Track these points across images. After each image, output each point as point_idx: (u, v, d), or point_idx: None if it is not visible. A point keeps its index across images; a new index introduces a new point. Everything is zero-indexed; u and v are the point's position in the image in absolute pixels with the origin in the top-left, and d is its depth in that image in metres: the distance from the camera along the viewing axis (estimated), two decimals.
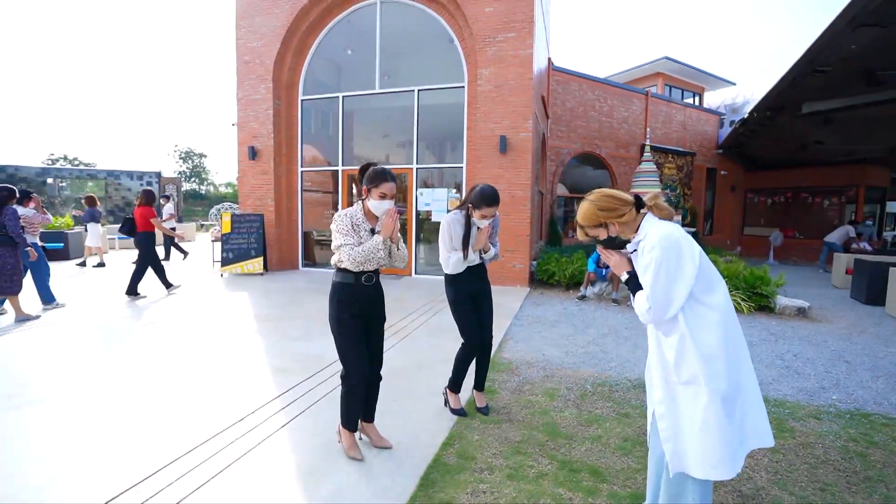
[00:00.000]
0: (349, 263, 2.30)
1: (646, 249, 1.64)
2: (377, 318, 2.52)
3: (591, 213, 1.79)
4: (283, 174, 9.51)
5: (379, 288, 2.51)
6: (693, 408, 1.62)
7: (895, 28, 5.98)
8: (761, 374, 3.93)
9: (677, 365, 1.64)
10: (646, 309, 1.65)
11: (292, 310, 5.94)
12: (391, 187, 2.34)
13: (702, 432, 1.59)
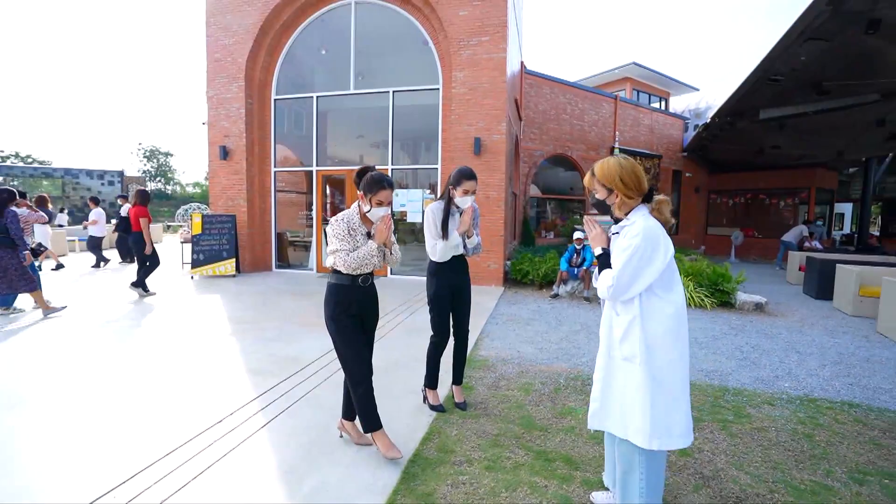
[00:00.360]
0: (344, 268, 2.34)
1: (629, 234, 1.78)
2: (372, 318, 2.57)
3: (612, 175, 1.86)
4: (255, 174, 9.36)
5: (374, 288, 2.56)
6: (625, 382, 1.83)
7: (838, 43, 6.41)
8: (723, 365, 4.17)
9: (621, 342, 1.84)
10: (608, 285, 1.80)
11: (267, 311, 5.88)
12: (388, 195, 2.37)
13: (632, 405, 1.79)
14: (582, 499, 2.16)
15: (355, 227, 2.39)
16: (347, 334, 2.41)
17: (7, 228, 5.15)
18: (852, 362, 4.33)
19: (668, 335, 1.79)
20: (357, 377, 2.40)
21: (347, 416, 2.65)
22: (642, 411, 1.77)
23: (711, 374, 3.94)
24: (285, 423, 2.84)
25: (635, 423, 1.78)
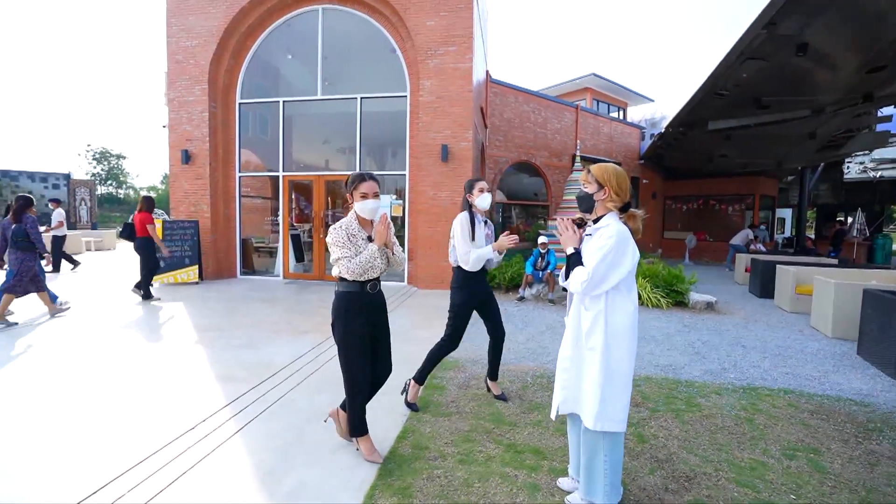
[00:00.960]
0: (349, 275, 2.34)
1: (604, 235, 1.97)
2: (383, 324, 2.58)
3: (609, 174, 2.06)
4: (219, 179, 9.16)
5: (382, 295, 2.56)
6: (590, 370, 2.00)
7: (774, 62, 7.00)
8: (677, 359, 4.47)
9: (588, 334, 2.02)
10: (582, 280, 1.96)
11: (235, 318, 5.80)
12: (370, 185, 2.39)
13: (597, 390, 1.97)
14: (549, 485, 2.32)
15: (354, 233, 2.39)
16: (354, 342, 2.41)
17: (27, 233, 5.45)
18: (788, 354, 4.74)
19: (627, 330, 2.00)
20: (357, 387, 2.45)
21: (345, 406, 2.66)
22: (593, 396, 1.97)
23: (666, 368, 4.23)
24: (260, 428, 2.87)
25: (596, 407, 1.96)
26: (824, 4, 5.42)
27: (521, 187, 13.63)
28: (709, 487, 2.32)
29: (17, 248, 5.42)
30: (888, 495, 2.27)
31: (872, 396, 3.60)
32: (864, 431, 2.96)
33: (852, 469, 2.50)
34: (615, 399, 1.97)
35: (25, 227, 5.44)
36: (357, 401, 2.46)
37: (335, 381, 3.66)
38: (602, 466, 2.02)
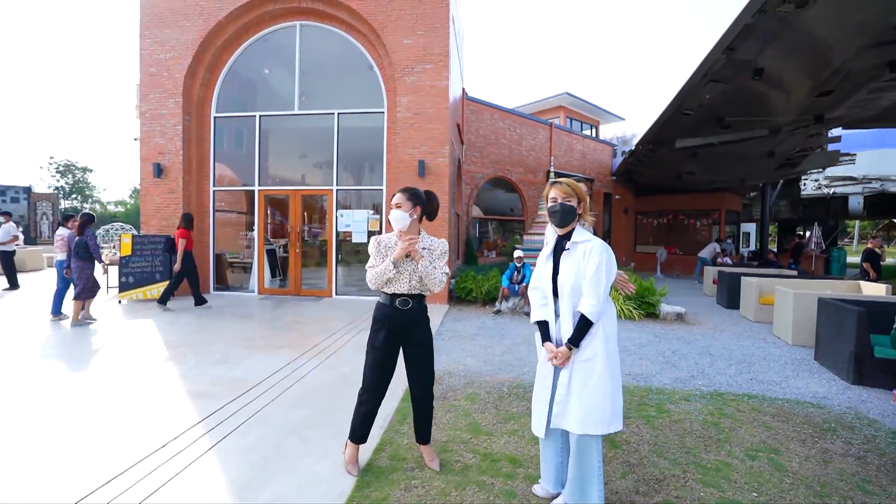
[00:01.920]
0: (369, 283, 2.40)
1: (595, 250, 2.08)
2: (415, 343, 2.48)
3: (582, 191, 2.21)
4: (192, 193, 9.01)
5: (417, 314, 2.46)
6: (584, 382, 2.06)
7: (734, 85, 7.43)
8: (648, 368, 4.61)
9: (583, 347, 2.08)
10: (595, 304, 2.03)
11: (208, 335, 5.67)
12: (398, 197, 2.41)
13: (592, 399, 2.04)
14: (525, 492, 2.36)
15: (389, 245, 2.42)
16: (374, 353, 2.45)
17: (87, 245, 6.12)
18: (752, 361, 4.95)
19: (614, 333, 2.14)
20: (364, 394, 2.48)
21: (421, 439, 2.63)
22: (603, 402, 2.03)
23: (638, 377, 4.35)
24: (236, 443, 2.82)
25: (596, 414, 2.02)
26: (777, 32, 5.82)
27: (497, 202, 13.86)
28: (677, 489, 2.40)
29: (79, 258, 6.13)
30: (840, 489, 2.40)
31: (827, 399, 3.80)
32: (819, 431, 3.12)
33: (808, 467, 2.63)
34: (620, 399, 2.10)
35: (86, 239, 6.15)
36: (362, 410, 2.48)
37: (312, 396, 3.64)
38: (597, 468, 2.09)
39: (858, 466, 2.67)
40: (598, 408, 2.03)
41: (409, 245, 2.30)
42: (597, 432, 2.03)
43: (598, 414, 2.03)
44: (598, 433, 2.03)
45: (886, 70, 6.40)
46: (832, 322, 4.63)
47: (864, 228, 32.01)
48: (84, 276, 6.14)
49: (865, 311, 4.18)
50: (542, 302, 2.25)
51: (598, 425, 2.02)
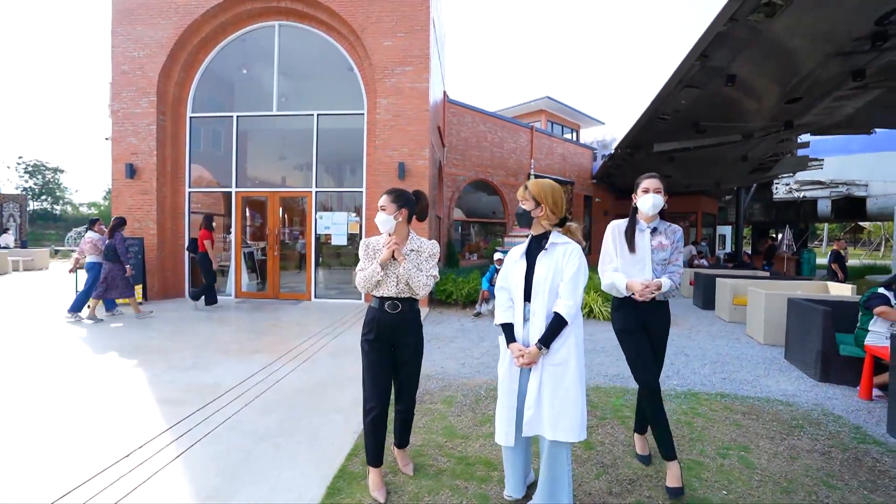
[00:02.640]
0: (358, 286, 2.37)
1: (574, 254, 2.08)
2: (406, 347, 2.42)
3: (545, 191, 2.14)
4: (167, 195, 8.79)
5: (406, 317, 2.40)
6: (555, 387, 2.04)
7: (708, 91, 7.60)
8: (624, 370, 4.65)
9: (553, 351, 2.05)
10: (572, 314, 2.03)
11: (180, 340, 5.52)
12: (384, 199, 2.36)
13: (563, 405, 2.02)
14: (498, 495, 2.34)
15: (377, 248, 2.39)
16: (366, 358, 2.39)
17: (115, 248, 6.53)
18: (726, 360, 5.05)
19: (582, 339, 2.12)
20: (367, 404, 2.36)
21: (399, 443, 2.61)
22: (574, 408, 2.01)
23: (615, 378, 4.39)
24: (204, 451, 2.74)
25: (567, 420, 1.99)
26: (748, 40, 5.98)
27: (479, 205, 13.90)
28: (650, 488, 2.42)
29: (107, 260, 6.55)
30: (805, 485, 2.46)
31: (796, 396, 3.90)
32: (787, 428, 3.19)
33: (776, 463, 2.68)
34: (584, 407, 2.07)
35: (115, 243, 6.53)
36: (366, 420, 2.34)
37: (286, 401, 3.57)
38: (567, 474, 2.09)
39: (823, 462, 2.73)
40: (569, 414, 2.01)
41: (391, 247, 2.28)
42: (568, 439, 2.00)
43: (569, 420, 2.00)
44: (568, 440, 2.01)
45: (849, 79, 6.63)
46: (800, 322, 4.76)
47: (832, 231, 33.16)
48: (110, 275, 6.55)
49: (831, 311, 4.30)
50: (508, 304, 2.21)
51: (569, 432, 2.00)
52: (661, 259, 2.45)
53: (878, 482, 2.53)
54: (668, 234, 2.46)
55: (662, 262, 2.45)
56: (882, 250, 34.34)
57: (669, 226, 2.51)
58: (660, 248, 2.45)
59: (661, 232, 2.48)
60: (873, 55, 5.98)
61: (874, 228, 35.54)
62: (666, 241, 2.45)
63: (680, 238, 2.48)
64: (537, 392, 2.06)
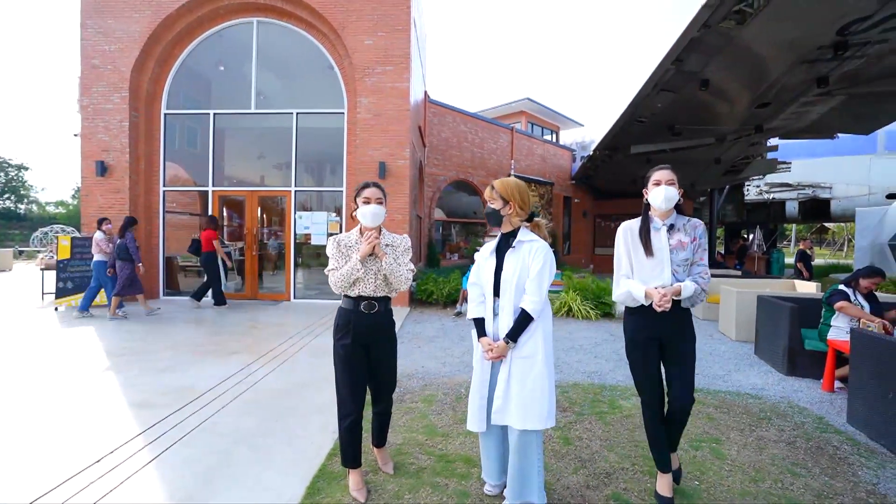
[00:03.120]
0: (333, 288, 2.29)
1: (540, 250, 2.12)
2: (382, 348, 2.38)
3: (511, 189, 2.18)
4: (140, 193, 8.56)
5: (383, 317, 2.36)
6: (523, 378, 2.09)
7: (683, 94, 7.81)
8: (602, 366, 4.75)
9: (521, 344, 2.11)
10: (537, 309, 2.07)
11: (154, 342, 5.38)
12: (372, 191, 2.32)
13: (532, 395, 2.07)
14: (479, 492, 2.36)
15: (350, 245, 2.32)
16: (341, 363, 2.28)
17: (126, 247, 6.66)
18: (699, 356, 5.13)
19: (551, 332, 2.18)
20: (343, 410, 2.29)
21: (377, 442, 2.58)
22: (541, 398, 2.07)
23: (593, 374, 4.48)
24: (179, 454, 2.68)
25: (535, 410, 2.05)
26: (720, 46, 6.17)
27: (459, 205, 13.95)
28: (626, 481, 2.48)
29: (119, 259, 6.70)
30: (772, 473, 2.56)
31: (764, 390, 4.05)
32: (756, 420, 3.32)
33: (745, 454, 2.79)
34: (554, 396, 2.15)
35: (126, 242, 6.68)
36: (343, 425, 2.29)
37: (264, 402, 3.52)
38: (536, 465, 2.13)
39: (789, 451, 2.85)
40: (536, 404, 2.07)
41: (373, 241, 2.26)
42: (536, 427, 2.06)
43: (536, 410, 2.06)
44: (537, 428, 2.07)
45: (814, 85, 6.91)
46: (769, 318, 4.93)
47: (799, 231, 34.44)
48: (123, 274, 6.71)
49: (797, 308, 4.47)
50: (480, 299, 2.28)
51: (538, 421, 2.06)
52: (682, 259, 2.17)
53: (837, 469, 2.66)
54: (689, 230, 2.19)
55: (684, 263, 2.17)
56: (845, 250, 35.85)
57: (689, 220, 2.22)
58: (679, 247, 2.17)
59: (678, 229, 2.20)
60: (835, 63, 6.25)
61: (837, 229, 37.08)
62: (686, 239, 2.17)
63: (703, 233, 2.19)
64: (506, 384, 2.13)
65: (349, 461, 2.33)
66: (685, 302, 2.16)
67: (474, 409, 2.22)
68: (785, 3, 4.99)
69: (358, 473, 2.34)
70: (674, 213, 2.26)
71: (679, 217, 2.25)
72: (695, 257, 2.19)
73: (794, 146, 14.32)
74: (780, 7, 5.07)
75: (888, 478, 2.59)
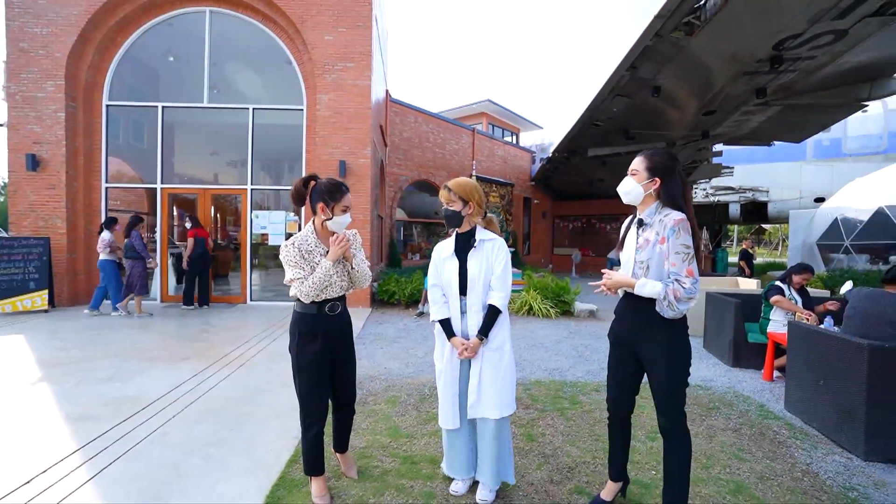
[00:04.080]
0: (304, 297, 2.11)
1: (501, 248, 2.23)
2: (345, 350, 2.29)
3: (470, 190, 2.24)
4: (79, 190, 7.96)
5: (345, 317, 2.28)
6: (496, 369, 2.20)
7: (637, 100, 8.15)
8: (563, 363, 4.86)
9: (492, 338, 2.20)
10: (505, 296, 2.19)
11: (95, 350, 5.01)
12: (350, 199, 2.19)
13: (504, 384, 2.20)
14: (444, 492, 2.35)
15: (310, 249, 2.14)
16: (307, 370, 2.15)
17: (133, 246, 6.74)
18: None
19: (509, 323, 2.29)
20: (309, 419, 2.16)
21: (338, 448, 2.50)
22: (511, 385, 2.23)
23: (554, 371, 4.57)
24: (124, 470, 2.50)
25: (507, 398, 2.19)
26: (671, 55, 6.48)
27: (421, 205, 13.91)
28: (588, 475, 2.54)
29: (129, 258, 6.76)
30: (721, 460, 2.71)
31: (713, 381, 4.28)
32: (706, 410, 3.50)
33: (697, 443, 2.92)
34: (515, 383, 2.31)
35: (132, 241, 6.75)
36: (309, 435, 2.17)
37: (218, 410, 3.36)
38: (509, 447, 2.30)
39: (735, 438, 3.02)
40: (508, 392, 2.20)
41: (345, 245, 2.11)
42: (509, 413, 2.21)
43: (508, 397, 2.21)
44: (510, 413, 2.21)
45: (754, 96, 7.40)
46: (716, 313, 5.22)
47: (741, 232, 36.81)
48: (134, 273, 6.78)
49: (741, 303, 4.76)
50: (443, 300, 2.31)
51: (509, 407, 2.21)
52: (641, 260, 1.91)
53: (777, 451, 2.85)
54: (659, 228, 1.87)
55: (642, 266, 1.91)
56: (780, 249, 38.67)
57: (667, 215, 1.86)
58: (644, 246, 1.91)
59: (649, 225, 1.92)
60: (772, 76, 6.72)
61: (773, 230, 39.95)
62: (652, 237, 1.88)
63: (674, 232, 1.81)
64: (479, 378, 2.20)
65: (314, 469, 2.25)
66: (657, 305, 1.86)
67: (447, 407, 2.26)
68: (728, 17, 5.31)
69: (320, 480, 2.26)
70: (653, 205, 1.93)
71: (660, 210, 1.91)
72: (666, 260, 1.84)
73: (736, 152, 15.27)
74: (724, 21, 5.39)
75: (819, 458, 2.80)
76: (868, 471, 2.66)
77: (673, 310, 1.81)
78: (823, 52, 6.00)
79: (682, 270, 1.80)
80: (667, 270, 1.84)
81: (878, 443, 2.77)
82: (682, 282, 1.79)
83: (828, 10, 4.96)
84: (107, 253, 6.85)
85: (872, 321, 3.08)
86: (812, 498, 2.35)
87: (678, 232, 1.81)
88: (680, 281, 1.80)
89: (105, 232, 6.89)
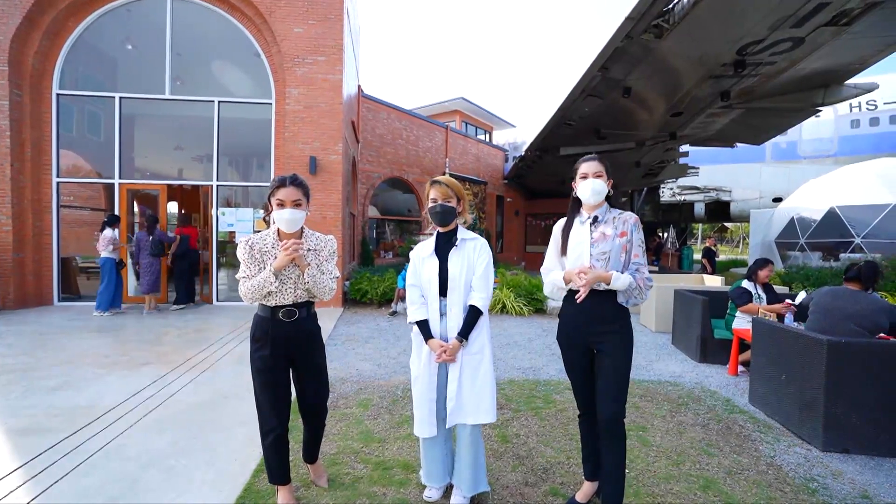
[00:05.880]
0: (244, 297, 2.00)
1: (484, 247, 2.21)
2: (307, 358, 2.15)
3: (459, 188, 2.25)
4: (27, 184, 7.47)
5: (305, 325, 2.11)
6: (474, 374, 2.15)
7: (608, 101, 8.27)
8: (536, 362, 4.88)
9: (472, 341, 2.16)
10: (486, 297, 2.16)
11: (44, 356, 4.70)
12: (288, 192, 1.97)
13: (483, 389, 2.15)
14: (418, 498, 2.29)
15: (265, 249, 2.02)
16: (261, 375, 2.04)
17: (161, 241, 7.02)
18: None
19: (489, 326, 2.24)
20: (265, 426, 2.07)
21: (308, 459, 2.39)
22: (491, 391, 2.16)
23: (527, 370, 4.58)
24: (74, 485, 2.33)
25: (486, 404, 2.13)
26: (640, 57, 6.59)
27: (394, 203, 13.77)
28: (562, 475, 2.53)
29: (149, 255, 6.96)
30: (691, 456, 2.76)
31: (682, 377, 4.38)
32: (676, 406, 3.57)
33: (668, 439, 2.98)
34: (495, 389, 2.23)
35: (158, 236, 7.01)
36: (266, 442, 2.08)
37: (180, 418, 3.19)
38: (483, 454, 2.25)
39: (704, 433, 3.09)
40: (487, 397, 2.15)
41: (293, 252, 1.94)
42: (487, 421, 2.13)
43: (487, 403, 2.14)
44: (488, 421, 2.14)
45: (718, 99, 7.63)
46: (684, 310, 5.36)
47: (704, 230, 38.22)
48: (151, 270, 6.93)
49: (708, 300, 4.90)
50: (421, 301, 2.24)
51: (488, 414, 2.13)
52: (601, 252, 1.99)
53: (743, 446, 2.93)
54: (617, 224, 2.02)
55: (602, 257, 1.99)
56: (741, 247, 40.37)
57: (620, 214, 2.06)
58: (602, 239, 2.01)
59: (604, 221, 2.05)
60: (735, 80, 6.94)
61: (734, 228, 41.67)
62: (610, 231, 2.01)
63: (634, 228, 2.01)
64: (458, 383, 2.14)
65: (276, 478, 2.15)
66: (621, 297, 1.98)
67: (424, 415, 2.18)
68: (695, 21, 5.44)
69: (287, 490, 2.17)
70: (604, 205, 2.09)
71: (610, 210, 2.08)
72: (627, 251, 1.99)
73: (702, 153, 15.78)
74: (692, 25, 5.52)
75: (782, 450, 2.89)
76: (826, 461, 2.77)
77: (643, 297, 2.02)
78: (783, 58, 6.24)
79: (643, 262, 2.03)
80: (624, 262, 2.01)
81: (835, 434, 2.89)
82: (644, 272, 2.01)
83: (786, 19, 5.17)
84: (109, 251, 6.72)
85: (835, 317, 3.21)
86: (777, 491, 2.42)
87: (639, 228, 2.05)
88: (641, 271, 2.01)
89: (108, 229, 6.77)
